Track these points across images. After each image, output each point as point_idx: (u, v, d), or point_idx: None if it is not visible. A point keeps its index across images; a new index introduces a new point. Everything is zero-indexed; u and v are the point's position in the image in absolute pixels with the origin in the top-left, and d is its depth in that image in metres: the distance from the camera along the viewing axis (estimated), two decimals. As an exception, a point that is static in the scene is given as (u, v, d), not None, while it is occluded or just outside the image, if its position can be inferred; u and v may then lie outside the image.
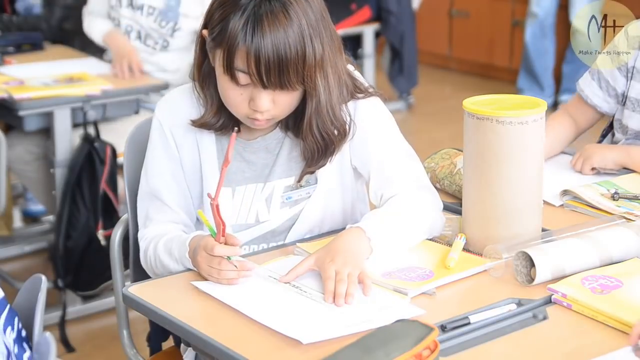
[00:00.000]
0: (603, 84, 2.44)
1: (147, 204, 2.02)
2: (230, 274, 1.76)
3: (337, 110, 1.93)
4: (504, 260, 1.80)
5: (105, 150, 3.35)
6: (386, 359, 1.42)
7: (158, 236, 1.95)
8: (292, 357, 1.51)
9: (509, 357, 1.56)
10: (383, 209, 1.94)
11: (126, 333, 2.16)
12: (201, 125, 1.96)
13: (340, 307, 1.68)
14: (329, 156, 1.96)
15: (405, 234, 1.91)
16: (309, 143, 1.93)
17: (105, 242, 3.33)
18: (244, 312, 1.66)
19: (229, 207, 1.99)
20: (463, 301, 1.74)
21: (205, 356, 1.83)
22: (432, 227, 1.96)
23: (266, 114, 1.87)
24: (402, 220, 1.91)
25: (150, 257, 1.95)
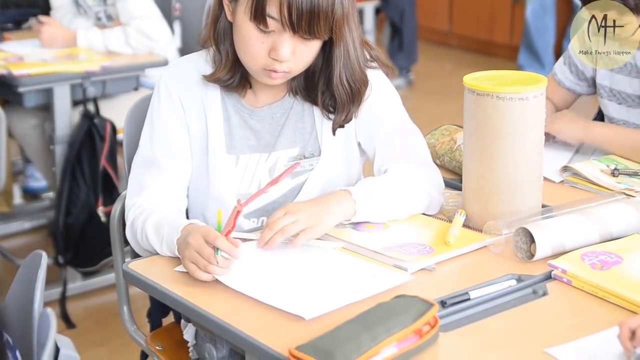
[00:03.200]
0: (573, 69, 2.43)
1: (142, 171, 1.99)
2: (216, 269, 1.71)
3: (361, 62, 1.96)
4: (504, 237, 1.80)
5: (105, 126, 3.34)
6: (386, 334, 1.42)
7: (150, 210, 1.92)
8: (293, 331, 1.51)
9: (509, 332, 1.56)
10: (377, 178, 1.97)
11: (126, 309, 2.17)
12: (214, 81, 1.96)
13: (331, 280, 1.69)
14: (357, 106, 1.98)
15: (394, 205, 1.92)
16: (339, 93, 1.95)
17: (105, 219, 3.32)
18: (241, 291, 1.66)
19: (232, 175, 1.99)
20: (463, 277, 1.74)
21: (205, 332, 1.83)
22: (429, 204, 1.96)
23: (284, 65, 1.88)
24: (393, 190, 1.92)
25: (137, 229, 1.92)
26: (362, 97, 1.97)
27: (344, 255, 1.79)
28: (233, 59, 1.95)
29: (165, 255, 1.84)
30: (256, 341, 1.50)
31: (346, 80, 1.94)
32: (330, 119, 1.99)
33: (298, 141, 2.01)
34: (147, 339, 2.11)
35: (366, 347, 1.39)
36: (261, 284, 1.68)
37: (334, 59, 1.93)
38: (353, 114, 1.98)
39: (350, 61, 1.93)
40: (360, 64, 1.96)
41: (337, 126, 1.99)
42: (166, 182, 1.98)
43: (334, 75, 1.93)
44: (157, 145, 1.99)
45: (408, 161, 1.99)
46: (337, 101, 1.96)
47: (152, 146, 1.99)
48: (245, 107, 2.00)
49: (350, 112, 1.98)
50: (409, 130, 2.04)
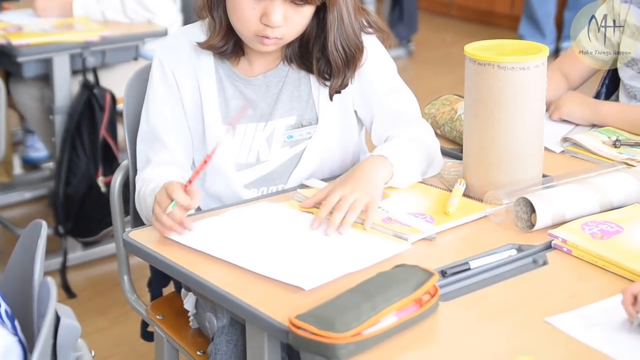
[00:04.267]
0: (599, 35, 2.42)
1: (147, 147, 2.01)
2: (167, 221, 1.73)
3: (356, 28, 1.95)
4: (505, 206, 1.80)
5: (104, 96, 3.33)
6: (386, 303, 1.42)
7: (150, 178, 1.94)
8: (293, 301, 1.52)
9: (509, 301, 1.56)
10: (396, 140, 1.96)
11: (127, 279, 2.17)
12: (208, 48, 1.96)
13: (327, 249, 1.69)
14: (352, 72, 1.97)
15: (422, 163, 1.94)
16: (334, 58, 1.94)
17: (105, 189, 3.32)
18: (239, 265, 1.65)
19: (229, 146, 1.99)
20: (463, 247, 1.74)
21: (206, 301, 1.84)
22: (434, 162, 1.99)
23: (276, 31, 1.87)
24: (415, 153, 1.93)
25: (141, 199, 1.94)
26: (357, 63, 1.97)
27: None
28: (226, 26, 1.94)
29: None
30: (257, 310, 1.50)
31: (341, 46, 1.93)
32: (327, 86, 1.99)
33: (295, 109, 2.01)
34: (147, 309, 2.12)
35: (366, 316, 1.39)
36: (259, 255, 1.68)
37: (327, 25, 1.92)
38: (349, 79, 1.98)
39: (345, 27, 1.93)
40: (355, 30, 1.95)
41: (334, 92, 1.99)
42: (168, 155, 1.99)
43: (328, 41, 1.93)
44: (153, 121, 2.00)
45: (409, 125, 1.99)
46: (333, 67, 1.95)
47: (149, 122, 2.00)
48: (239, 77, 2.00)
49: (346, 78, 1.97)
50: (404, 94, 2.05)
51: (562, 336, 1.43)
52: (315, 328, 1.37)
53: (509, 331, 1.46)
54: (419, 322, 1.46)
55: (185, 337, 2.02)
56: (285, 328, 1.43)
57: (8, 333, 1.28)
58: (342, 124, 2.04)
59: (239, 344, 1.79)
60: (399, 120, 2.00)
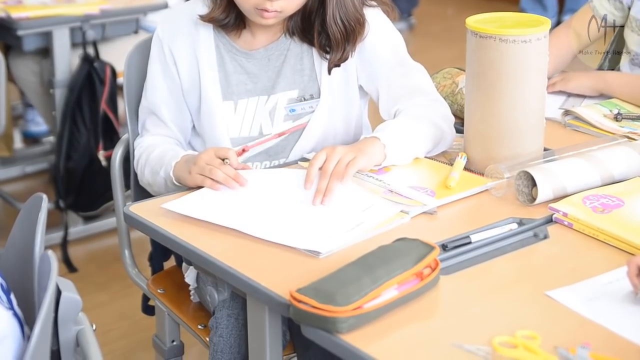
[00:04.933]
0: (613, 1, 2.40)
1: (145, 117, 2.04)
2: (220, 174, 1.77)
3: (356, 1, 1.95)
4: (506, 180, 1.80)
5: (104, 70, 3.33)
6: (387, 277, 1.42)
7: (153, 145, 1.97)
8: (294, 275, 1.52)
9: (510, 275, 1.56)
10: (396, 119, 1.95)
11: (128, 253, 2.17)
12: (209, 20, 1.96)
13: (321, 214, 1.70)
14: (352, 45, 1.96)
15: (418, 144, 1.91)
16: (333, 32, 1.93)
17: (106, 163, 3.32)
18: (249, 233, 1.66)
19: (231, 121, 1.99)
20: (464, 220, 1.74)
21: (207, 275, 1.84)
22: (444, 139, 1.97)
23: (275, 4, 1.86)
24: (414, 130, 1.91)
25: (141, 163, 1.98)
26: (357, 37, 1.96)
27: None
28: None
29: (161, 181, 1.90)
30: (257, 284, 1.51)
31: (340, 19, 1.93)
32: (327, 59, 1.98)
33: (297, 83, 2.01)
34: (148, 283, 2.12)
35: (367, 289, 1.39)
36: (267, 222, 1.68)
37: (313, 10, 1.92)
38: (349, 53, 1.97)
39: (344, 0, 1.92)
40: (355, 3, 1.94)
41: (333, 65, 1.98)
42: (165, 129, 2.02)
43: (327, 14, 1.92)
44: (150, 97, 2.02)
45: (416, 98, 1.98)
46: (332, 40, 1.94)
47: (147, 97, 2.02)
48: (239, 51, 1.99)
49: (345, 51, 1.96)
50: (412, 67, 2.03)
51: (563, 310, 1.44)
52: (315, 302, 1.37)
53: (510, 305, 1.46)
54: (420, 296, 1.46)
55: (186, 311, 2.02)
56: (286, 302, 1.44)
57: (2, 308, 1.28)
58: (345, 98, 2.03)
59: (240, 317, 1.79)
60: (407, 94, 1.99)
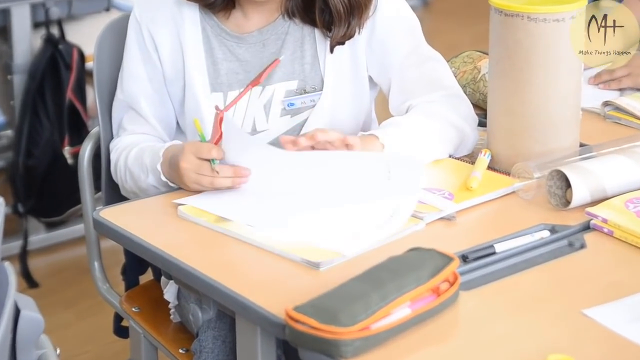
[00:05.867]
0: None
1: (121, 114, 2.04)
2: (224, 180, 1.79)
3: None
4: (535, 180, 1.80)
5: (71, 53, 3.33)
6: (398, 293, 1.42)
7: (131, 145, 1.97)
8: (290, 290, 1.52)
9: (540, 290, 1.56)
10: (404, 116, 1.96)
11: (97, 265, 2.18)
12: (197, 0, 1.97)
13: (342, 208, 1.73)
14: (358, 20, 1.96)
15: (427, 147, 1.91)
16: (334, 3, 1.94)
17: (72, 161, 3.33)
18: (252, 224, 1.69)
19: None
20: (487, 227, 1.75)
21: (190, 291, 1.84)
22: (465, 142, 1.96)
23: None
24: (423, 130, 1.91)
25: (120, 169, 1.97)
26: (364, 11, 1.96)
27: None
28: None
29: (151, 188, 1.89)
30: (248, 301, 1.51)
31: None
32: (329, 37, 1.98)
33: (297, 73, 2.01)
34: (121, 300, 2.12)
35: (375, 307, 1.39)
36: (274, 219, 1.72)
37: None
38: (354, 28, 1.97)
39: None
40: None
41: (336, 43, 1.98)
42: (145, 126, 2.02)
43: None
44: (127, 89, 2.02)
45: (432, 93, 1.98)
46: (334, 14, 1.94)
47: (123, 90, 2.02)
48: (230, 35, 1.99)
49: (350, 28, 1.96)
50: (429, 56, 2.03)
51: (601, 331, 1.44)
52: (315, 321, 1.37)
53: (541, 325, 1.47)
54: (437, 315, 1.46)
55: (166, 333, 2.03)
56: (281, 321, 1.44)
57: None
58: (352, 91, 2.03)
59: (227, 340, 1.80)
60: (421, 88, 1.99)
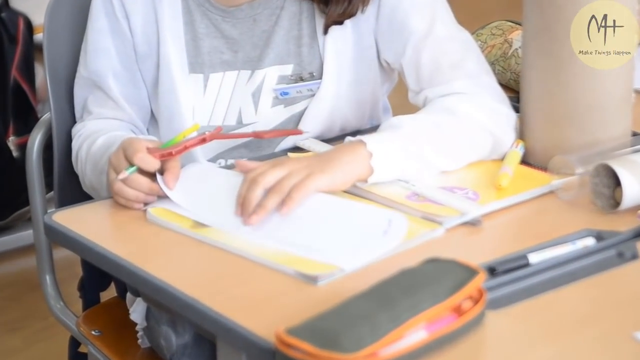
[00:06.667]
0: None
1: (84, 93, 2.05)
2: (128, 191, 1.77)
3: None
4: (578, 177, 1.81)
5: (16, 23, 3.34)
6: (412, 312, 1.42)
7: (97, 133, 1.97)
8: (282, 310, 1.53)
9: (584, 310, 1.57)
10: (409, 116, 1.92)
11: (49, 279, 2.18)
12: None
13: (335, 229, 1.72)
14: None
15: (431, 158, 1.87)
16: None
17: (18, 153, 3.33)
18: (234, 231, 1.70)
19: (199, 101, 2.00)
20: (520, 234, 1.76)
21: (161, 310, 1.85)
22: (498, 145, 1.94)
23: None
24: (431, 133, 1.88)
25: (81, 159, 1.98)
26: None
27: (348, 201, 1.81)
28: None
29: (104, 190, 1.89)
30: (231, 322, 1.51)
31: None
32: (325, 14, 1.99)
33: (293, 55, 2.02)
34: (78, 321, 2.13)
35: (384, 329, 1.40)
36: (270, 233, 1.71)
37: None
38: (356, 6, 1.97)
39: None
40: None
41: (332, 22, 1.99)
42: (114, 109, 2.03)
43: None
44: (92, 64, 2.03)
45: (452, 82, 1.98)
46: None
47: (87, 65, 2.04)
48: (215, 7, 2.01)
49: (352, 5, 1.97)
50: (450, 34, 2.02)
51: (657, 358, 1.45)
52: (312, 346, 1.38)
53: (584, 351, 1.47)
54: (458, 339, 1.47)
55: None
56: (271, 346, 1.44)
57: None
58: (358, 80, 2.05)
59: (206, 369, 1.81)
60: (440, 75, 1.99)
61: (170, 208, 1.77)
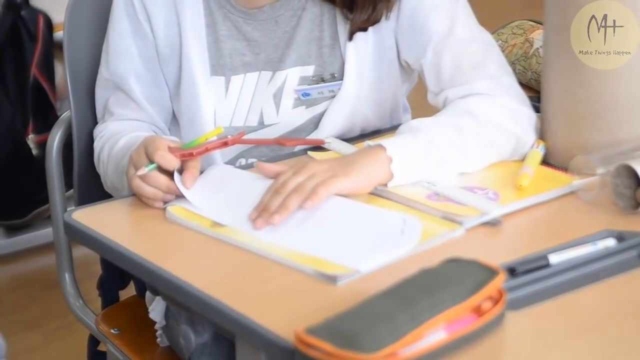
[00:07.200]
0: None
1: (106, 94, 2.06)
2: (146, 188, 1.78)
3: None
4: (599, 177, 1.80)
5: (36, 20, 3.34)
6: (432, 312, 1.42)
7: (120, 133, 1.98)
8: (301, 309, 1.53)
9: (605, 311, 1.56)
10: (429, 119, 1.93)
11: (69, 277, 2.19)
12: None
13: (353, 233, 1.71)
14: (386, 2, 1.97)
15: (452, 160, 1.88)
16: None
17: (38, 152, 3.34)
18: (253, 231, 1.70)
19: (221, 103, 2.01)
20: (540, 234, 1.75)
21: (180, 309, 1.85)
22: (519, 146, 1.94)
23: None
24: (451, 136, 1.88)
25: (103, 160, 1.98)
26: None
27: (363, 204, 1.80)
28: None
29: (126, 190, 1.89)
30: (251, 321, 1.51)
31: None
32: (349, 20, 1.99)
33: (314, 56, 2.02)
34: (97, 319, 2.14)
35: (404, 329, 1.40)
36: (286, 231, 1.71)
37: None
38: (381, 12, 1.97)
39: None
40: None
41: (356, 29, 1.99)
42: (136, 110, 2.04)
43: None
44: (114, 65, 2.04)
45: (473, 83, 1.98)
46: None
47: (109, 67, 2.04)
48: (236, 9, 2.01)
49: (377, 11, 1.97)
50: (471, 36, 2.02)
51: (678, 360, 1.44)
52: (332, 346, 1.38)
53: (605, 353, 1.47)
54: (478, 340, 1.47)
55: (151, 359, 2.04)
56: (290, 346, 1.44)
57: None
58: (379, 80, 2.05)
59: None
60: (459, 75, 1.99)
61: (190, 207, 1.78)
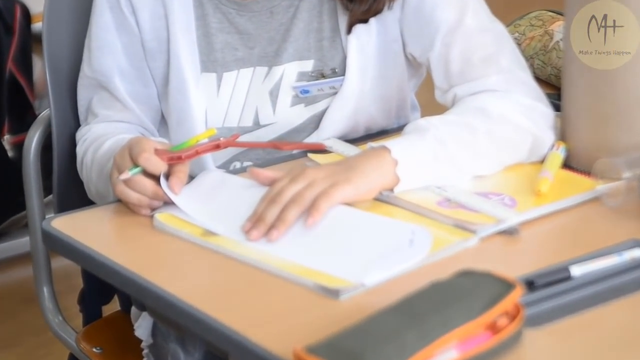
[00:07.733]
0: None
1: (89, 94, 2.06)
2: (129, 194, 1.77)
3: None
4: (625, 182, 1.81)
5: (12, 11, 3.35)
6: (443, 330, 1.43)
7: (104, 137, 1.98)
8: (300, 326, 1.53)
9: (632, 328, 1.56)
10: (436, 117, 1.92)
11: (47, 291, 2.19)
12: None
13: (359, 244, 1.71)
14: None
15: (462, 162, 1.87)
16: None
17: (14, 154, 3.34)
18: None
19: (212, 102, 2.01)
20: (561, 244, 1.76)
21: (168, 326, 1.86)
22: (537, 147, 1.94)
23: None
24: (461, 136, 1.88)
25: (86, 165, 1.98)
26: None
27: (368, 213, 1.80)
28: None
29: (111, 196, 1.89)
30: (245, 339, 1.52)
31: None
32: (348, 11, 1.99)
33: (313, 50, 2.03)
34: (78, 337, 2.14)
35: (412, 348, 1.40)
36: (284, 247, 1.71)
37: None
38: (383, 2, 1.98)
39: None
40: None
41: (356, 20, 1.99)
42: (121, 110, 2.04)
43: None
44: (97, 62, 2.04)
45: (484, 78, 1.98)
46: None
47: (92, 63, 2.05)
48: (229, 2, 2.01)
49: (379, 0, 1.97)
50: (482, 27, 2.02)
51: None
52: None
53: (631, 373, 1.48)
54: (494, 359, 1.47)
55: (137, 380, 2.04)
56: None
57: None
58: (383, 75, 2.05)
59: (217, 390, 1.81)
60: (469, 70, 1.99)
61: (179, 214, 1.78)
